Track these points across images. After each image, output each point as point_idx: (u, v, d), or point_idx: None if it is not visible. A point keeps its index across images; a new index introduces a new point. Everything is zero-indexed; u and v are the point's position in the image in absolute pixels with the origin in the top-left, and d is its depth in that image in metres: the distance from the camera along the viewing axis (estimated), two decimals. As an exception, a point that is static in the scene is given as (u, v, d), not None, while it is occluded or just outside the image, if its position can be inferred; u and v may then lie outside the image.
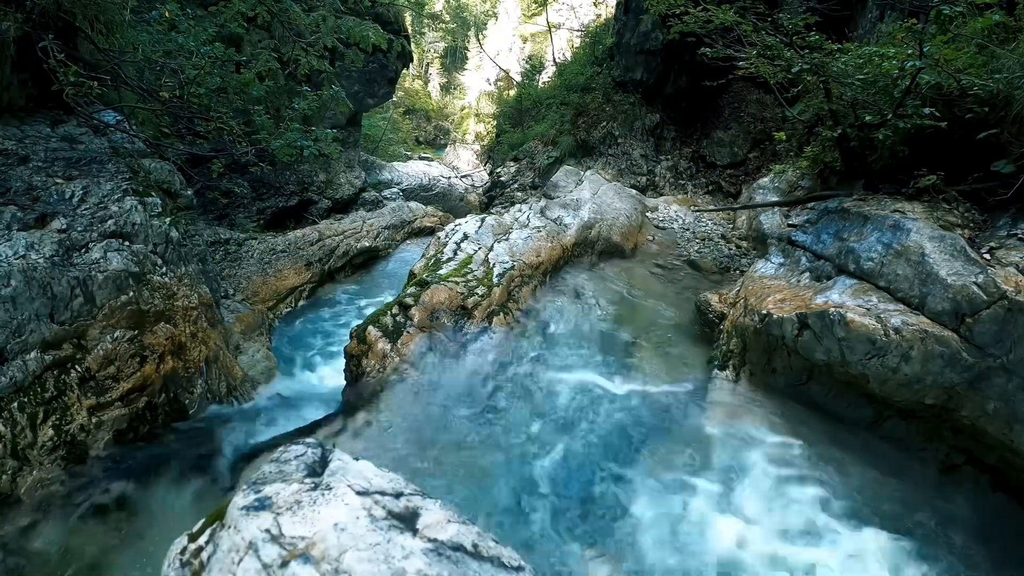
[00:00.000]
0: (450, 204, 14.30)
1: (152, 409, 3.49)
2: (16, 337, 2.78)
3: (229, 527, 1.17)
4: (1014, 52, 3.51)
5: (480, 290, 4.80)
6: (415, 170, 15.58)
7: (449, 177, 16.50)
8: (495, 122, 16.75)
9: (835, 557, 2.86)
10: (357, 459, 1.42)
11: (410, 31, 14.27)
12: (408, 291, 4.66)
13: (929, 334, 3.01)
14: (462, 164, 21.42)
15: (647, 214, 7.90)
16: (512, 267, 5.21)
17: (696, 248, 7.04)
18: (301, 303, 7.06)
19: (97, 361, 3.14)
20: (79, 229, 3.30)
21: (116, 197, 3.62)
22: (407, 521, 1.20)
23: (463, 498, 3.16)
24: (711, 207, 8.40)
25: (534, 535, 2.99)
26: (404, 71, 14.74)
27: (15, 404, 2.74)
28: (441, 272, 4.97)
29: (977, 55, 3.74)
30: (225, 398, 4.11)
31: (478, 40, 26.21)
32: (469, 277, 4.94)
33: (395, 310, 4.46)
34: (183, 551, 1.24)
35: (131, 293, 3.37)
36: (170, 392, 3.63)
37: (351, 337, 4.35)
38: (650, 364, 4.54)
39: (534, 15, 22.92)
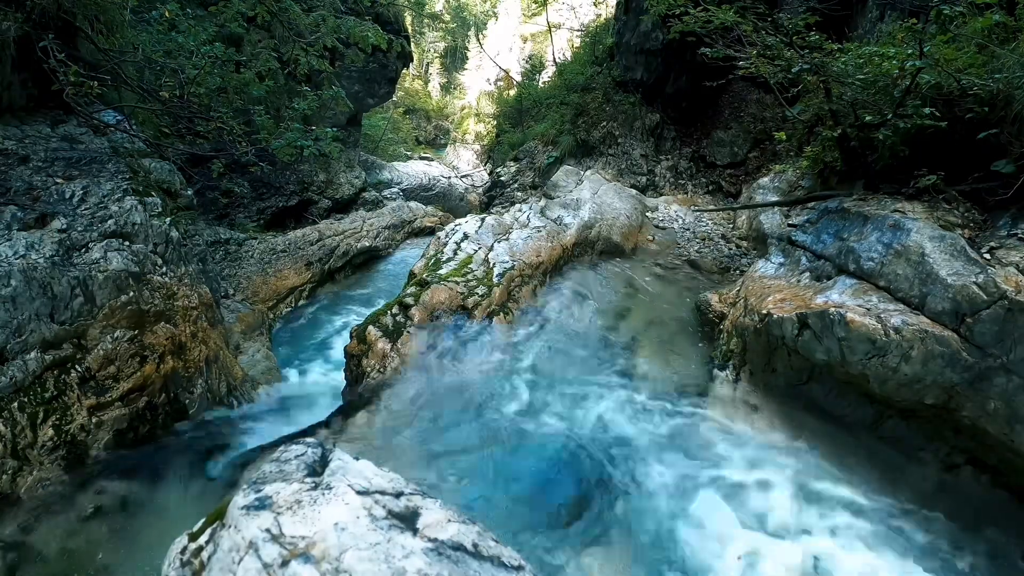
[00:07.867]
0: (450, 204, 14.30)
1: (152, 409, 3.49)
2: (16, 337, 2.78)
3: (229, 526, 1.17)
4: (1014, 52, 3.51)
5: (480, 290, 4.79)
6: (415, 170, 15.58)
7: (449, 177, 16.50)
8: (495, 122, 16.74)
9: (835, 557, 2.87)
10: (357, 459, 1.42)
11: (410, 31, 14.28)
12: (408, 291, 4.66)
13: (929, 334, 3.01)
14: (462, 164, 21.40)
15: (647, 214, 7.90)
16: (512, 267, 5.21)
17: (696, 248, 7.04)
18: (301, 303, 7.06)
19: (97, 361, 3.14)
20: (79, 229, 3.30)
21: (116, 197, 3.62)
22: (407, 521, 1.20)
23: (463, 497, 3.15)
24: (711, 207, 8.39)
25: (531, 533, 2.98)
26: (404, 71, 14.75)
27: (15, 404, 2.74)
28: (441, 272, 4.97)
29: (977, 55, 3.74)
30: (225, 398, 4.11)
31: (478, 40, 26.18)
32: (469, 277, 4.94)
33: (395, 310, 4.46)
34: (183, 550, 1.24)
35: (131, 293, 3.37)
36: (170, 392, 3.63)
37: (351, 337, 4.34)
38: (650, 363, 4.53)
39: (534, 15, 22.88)
